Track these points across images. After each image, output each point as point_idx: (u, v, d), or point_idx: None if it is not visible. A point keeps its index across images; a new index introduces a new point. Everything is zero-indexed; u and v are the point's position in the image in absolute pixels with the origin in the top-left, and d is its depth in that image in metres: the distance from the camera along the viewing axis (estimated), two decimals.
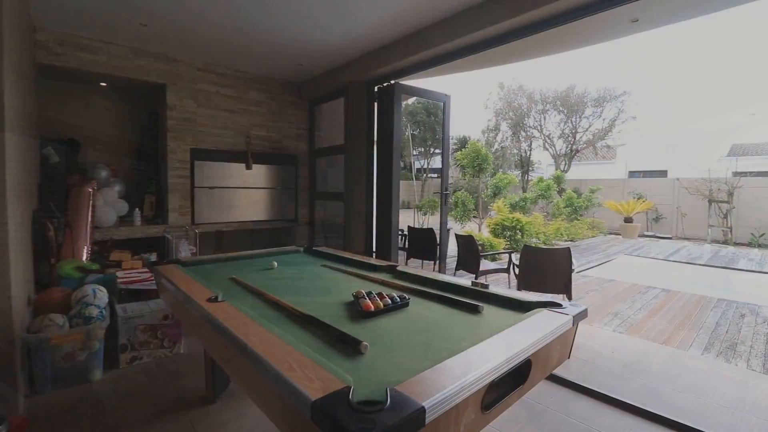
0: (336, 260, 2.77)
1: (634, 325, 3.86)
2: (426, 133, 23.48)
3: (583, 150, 19.32)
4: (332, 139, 5.27)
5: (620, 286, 5.54)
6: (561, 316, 1.50)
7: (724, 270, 7.32)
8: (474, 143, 8.43)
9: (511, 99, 19.50)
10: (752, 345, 3.39)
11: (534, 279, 3.52)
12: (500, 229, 9.07)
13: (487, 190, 8.87)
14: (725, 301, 4.81)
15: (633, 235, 12.07)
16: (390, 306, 1.63)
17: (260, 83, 4.99)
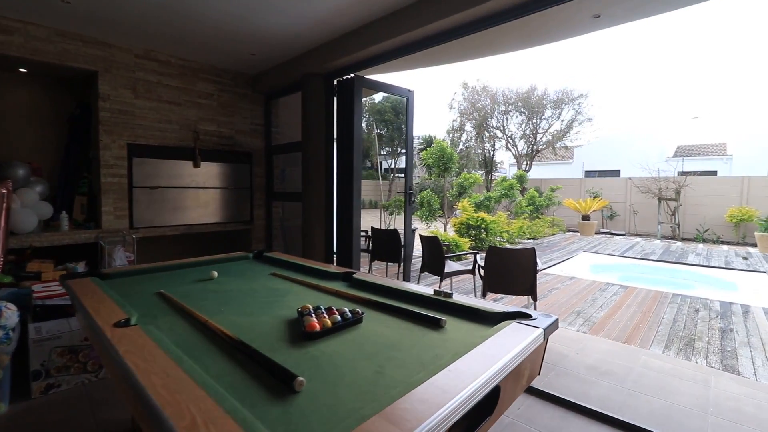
0: (288, 267, 2.50)
1: (596, 324, 3.85)
2: (393, 132, 23.40)
3: (543, 150, 19.92)
4: (291, 135, 4.96)
5: (581, 283, 5.61)
6: (531, 330, 1.33)
7: (675, 265, 7.66)
8: (439, 142, 8.35)
9: (475, 99, 19.76)
10: (709, 341, 3.45)
11: (499, 280, 3.41)
12: (465, 229, 9.07)
13: (452, 189, 8.82)
14: (680, 296, 4.96)
15: (590, 232, 12.51)
16: (340, 324, 1.41)
17: (209, 74, 4.60)
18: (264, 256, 2.80)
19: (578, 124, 18.37)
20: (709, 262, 7.83)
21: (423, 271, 4.33)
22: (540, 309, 4.37)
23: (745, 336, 3.57)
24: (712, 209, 12.15)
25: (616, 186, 14.20)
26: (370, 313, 1.60)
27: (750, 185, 11.81)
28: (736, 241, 11.46)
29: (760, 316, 4.13)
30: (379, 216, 11.80)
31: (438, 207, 8.34)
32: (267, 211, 5.10)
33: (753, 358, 3.10)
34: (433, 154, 8.17)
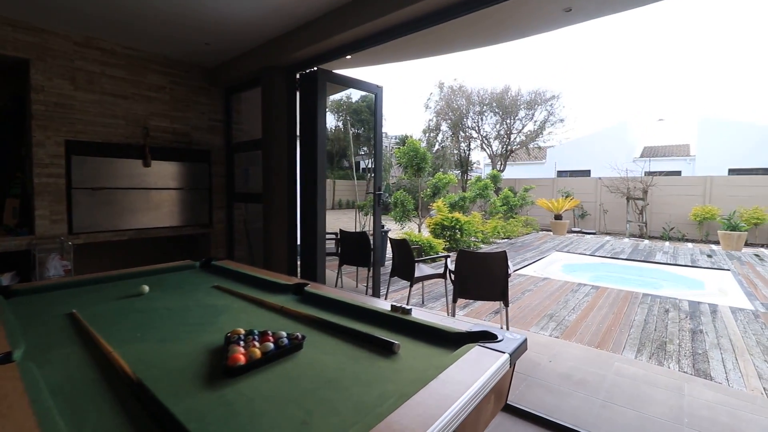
0: (235, 278, 2.25)
1: (569, 328, 3.76)
2: (370, 131, 23.16)
3: (517, 151, 20.18)
4: (253, 132, 4.66)
5: (554, 284, 5.56)
6: (496, 357, 1.14)
7: (644, 264, 7.79)
8: (412, 141, 8.19)
9: (450, 99, 19.80)
10: (680, 343, 3.40)
11: (470, 285, 3.25)
12: (440, 229, 8.95)
13: (427, 189, 8.69)
14: (649, 296, 4.96)
15: (563, 231, 12.69)
16: (272, 353, 1.18)
17: (161, 65, 4.24)
18: (212, 265, 2.53)
19: (550, 125, 18.71)
20: (676, 260, 8.01)
21: (393, 275, 4.14)
22: (513, 312, 4.26)
23: (714, 337, 3.55)
24: (677, 208, 12.55)
25: (586, 186, 14.48)
26: (314, 336, 1.38)
27: (712, 185, 12.25)
28: (700, 239, 11.86)
29: (728, 316, 4.16)
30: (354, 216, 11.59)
31: (412, 207, 8.18)
32: (228, 213, 4.78)
33: (724, 360, 3.06)
34: (406, 153, 8.01)
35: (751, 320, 4.05)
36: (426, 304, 4.46)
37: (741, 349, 3.28)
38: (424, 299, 4.58)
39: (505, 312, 3.24)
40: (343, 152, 23.66)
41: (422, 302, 4.51)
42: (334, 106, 22.19)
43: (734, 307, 4.52)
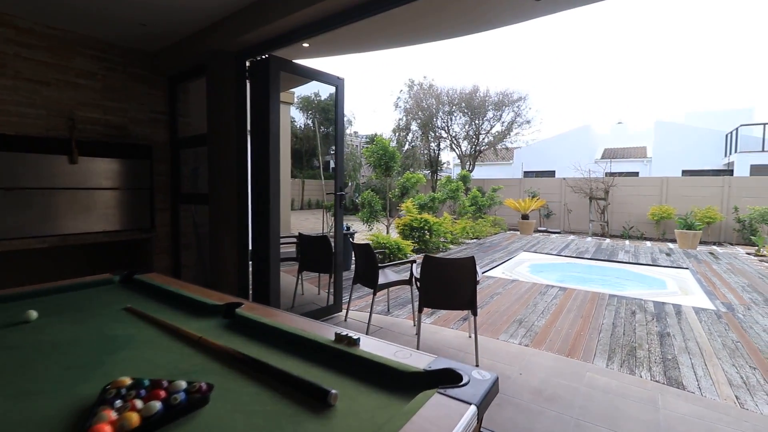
0: (157, 297, 1.88)
1: (538, 334, 3.60)
2: None
3: (485, 151, 20.38)
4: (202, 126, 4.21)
5: (522, 286, 5.45)
6: (460, 411, 0.88)
7: (608, 263, 7.90)
8: (380, 139, 7.93)
9: (420, 99, 19.71)
10: (649, 348, 3.31)
11: (437, 293, 3.01)
12: (408, 230, 8.75)
13: (395, 189, 8.45)
14: (616, 297, 4.93)
15: (530, 231, 12.83)
16: (158, 416, 0.86)
17: (92, 48, 3.74)
18: (134, 280, 2.14)
19: (517, 126, 19.02)
20: (638, 259, 8.18)
21: (356, 282, 3.84)
22: (482, 318, 4.08)
23: (682, 341, 3.50)
24: (636, 208, 12.99)
25: (552, 186, 14.76)
26: (229, 382, 1.06)
27: (668, 185, 12.76)
28: (657, 237, 12.32)
29: (693, 317, 4.15)
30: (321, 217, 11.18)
31: (380, 208, 7.92)
32: (173, 216, 4.32)
33: (694, 366, 2.97)
34: (374, 152, 7.73)
35: (715, 321, 4.06)
36: (392, 312, 4.20)
37: (709, 353, 3.22)
38: (389, 306, 4.32)
39: (473, 321, 3.02)
40: (312, 151, 23.11)
41: (388, 309, 4.25)
42: (303, 104, 21.61)
43: (697, 307, 4.56)
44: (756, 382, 2.73)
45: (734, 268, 7.08)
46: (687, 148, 18.40)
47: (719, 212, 11.38)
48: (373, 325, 3.69)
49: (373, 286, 3.52)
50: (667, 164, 18.50)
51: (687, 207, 11.92)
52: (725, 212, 11.58)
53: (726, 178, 12.10)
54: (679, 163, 18.28)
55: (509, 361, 2.98)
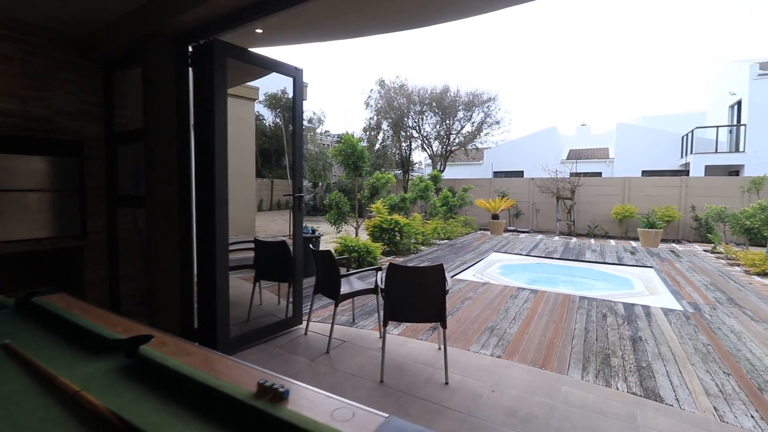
0: (50, 328, 1.51)
1: (511, 343, 3.42)
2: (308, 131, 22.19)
3: (456, 151, 20.45)
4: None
5: (494, 289, 5.30)
6: None
7: (576, 262, 7.93)
8: (348, 137, 7.62)
9: (391, 98, 19.51)
10: (623, 355, 3.19)
11: (402, 306, 2.75)
12: (378, 232, 8.49)
13: (364, 190, 8.16)
14: (586, 299, 4.86)
15: (500, 231, 12.88)
16: None
17: (5, 28, 3.23)
18: (32, 304, 1.74)
19: (487, 126, 19.18)
20: (604, 258, 8.29)
21: (317, 292, 3.53)
22: (452, 327, 3.85)
23: (654, 345, 3.41)
24: (601, 207, 13.31)
25: (520, 186, 14.93)
26: None
27: (630, 185, 13.15)
28: (620, 236, 12.66)
29: (662, 319, 4.11)
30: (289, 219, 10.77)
31: (348, 209, 7.61)
32: (110, 221, 3.84)
33: (669, 374, 2.86)
34: (341, 150, 7.41)
35: (684, 323, 4.03)
36: (357, 322, 3.91)
37: (682, 359, 3.14)
38: (354, 316, 4.02)
39: (443, 333, 2.78)
40: (282, 150, 22.41)
41: (353, 320, 3.95)
42: (270, 101, 20.90)
43: (665, 308, 4.54)
44: (732, 390, 2.63)
45: (695, 266, 7.26)
46: (646, 150, 19.16)
47: (678, 211, 11.82)
48: (335, 339, 3.39)
49: (335, 297, 3.22)
50: (628, 165, 19.20)
51: (648, 206, 12.32)
52: (683, 211, 12.04)
53: (683, 178, 12.60)
54: (639, 164, 19.01)
55: (481, 376, 2.76)
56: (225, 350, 3.05)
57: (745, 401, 2.50)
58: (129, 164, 3.88)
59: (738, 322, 4.06)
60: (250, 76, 4.84)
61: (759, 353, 3.26)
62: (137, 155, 3.82)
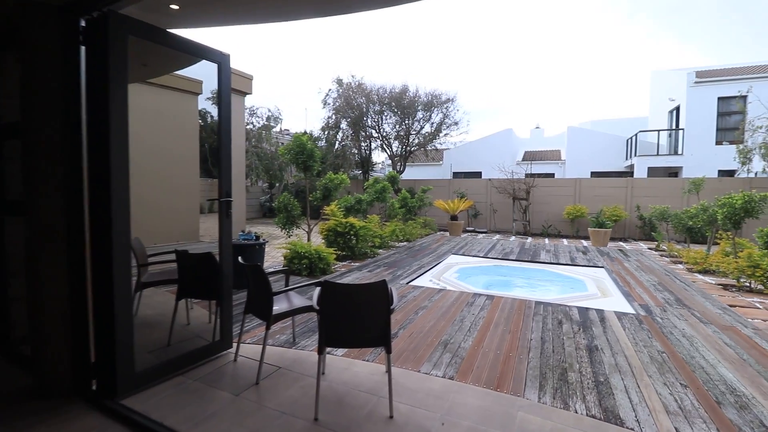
0: None
1: (465, 360, 3.14)
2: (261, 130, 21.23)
3: (415, 152, 20.37)
4: None
5: (450, 296, 5.06)
6: None
7: (532, 264, 7.93)
8: (298, 136, 7.12)
9: (349, 97, 19.07)
10: (580, 369, 3.01)
11: (340, 330, 2.37)
12: (333, 236, 8.06)
13: (317, 192, 7.70)
14: (542, 304, 4.73)
15: (458, 232, 12.85)
16: None
17: None
18: None
19: (446, 127, 19.24)
20: (558, 258, 8.36)
21: (248, 312, 3.07)
22: (403, 343, 3.52)
23: (611, 355, 3.26)
24: (554, 207, 13.67)
25: (478, 187, 15.04)
26: None
27: (581, 186, 13.58)
28: (572, 235, 13.04)
29: (616, 324, 4.02)
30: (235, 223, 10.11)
31: (299, 213, 7.12)
32: None
33: (627, 389, 2.69)
34: (290, 149, 6.90)
35: (637, 328, 3.96)
36: (298, 341, 3.49)
37: (639, 370, 3.00)
38: (295, 335, 3.59)
39: (387, 359, 2.43)
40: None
41: (293, 339, 3.53)
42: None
43: (619, 312, 4.49)
44: (691, 406, 2.49)
45: (643, 265, 7.46)
46: (595, 152, 20.05)
47: (624, 211, 12.33)
48: (269, 365, 2.95)
49: (266, 319, 2.79)
50: (579, 166, 20.00)
51: (597, 206, 12.77)
52: (629, 210, 12.59)
53: (628, 179, 13.18)
54: (588, 165, 19.85)
55: (430, 405, 2.45)
56: (127, 389, 2.53)
57: (705, 418, 2.36)
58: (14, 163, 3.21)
59: (688, 325, 4.05)
60: (174, 63, 4.26)
61: (712, 360, 3.20)
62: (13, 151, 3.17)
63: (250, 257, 5.42)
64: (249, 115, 18.04)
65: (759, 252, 5.42)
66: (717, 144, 15.30)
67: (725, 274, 6.37)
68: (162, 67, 4.63)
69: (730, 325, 4.06)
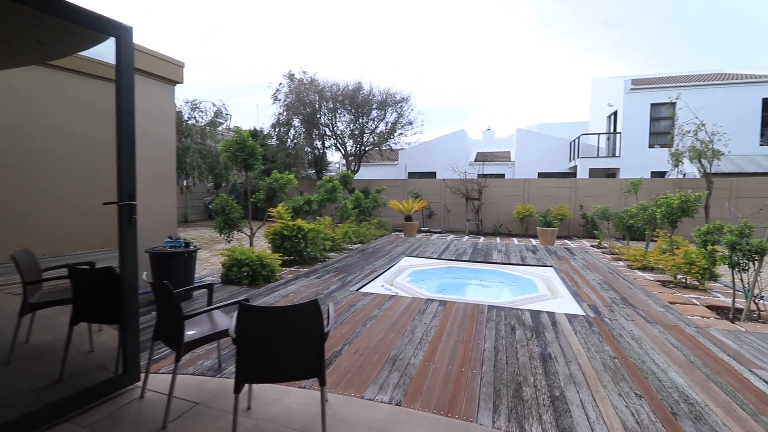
0: None
1: (414, 379, 2.85)
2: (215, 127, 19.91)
3: (370, 151, 20.08)
4: None
5: (402, 303, 4.77)
6: None
7: (484, 265, 7.88)
8: (239, 131, 6.51)
9: (301, 93, 18.36)
10: (535, 383, 2.82)
11: (264, 360, 1.97)
12: (280, 240, 7.51)
13: (260, 192, 7.12)
14: (494, 308, 4.58)
15: (413, 233, 12.70)
16: None
17: None
18: None
19: (401, 127, 19.12)
20: (509, 258, 8.40)
21: (157, 338, 2.56)
22: (347, 361, 3.13)
23: (564, 364, 3.12)
24: (505, 207, 13.95)
25: (433, 187, 15.03)
26: None
27: (529, 186, 13.97)
28: (522, 233, 13.36)
29: (568, 329, 3.93)
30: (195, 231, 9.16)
31: (239, 215, 6.52)
32: None
33: (584, 404, 2.52)
34: (229, 146, 6.29)
35: (588, 331, 3.88)
36: (224, 367, 3.01)
37: (593, 380, 2.86)
38: (221, 360, 3.11)
39: (321, 392, 2.05)
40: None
41: (219, 365, 3.04)
42: None
43: (569, 314, 4.43)
44: (648, 420, 2.36)
45: (588, 264, 7.66)
46: (541, 154, 20.88)
47: (569, 210, 12.82)
48: (183, 401, 2.47)
49: (176, 348, 2.31)
50: (527, 167, 20.74)
51: (545, 205, 13.19)
52: (573, 210, 13.11)
53: (573, 180, 13.74)
54: (536, 167, 20.64)
55: None
56: None
57: None
58: None
59: (635, 326, 4.06)
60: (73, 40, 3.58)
61: (662, 364, 3.14)
62: None
63: (179, 268, 4.80)
64: (191, 109, 16.78)
65: (695, 250, 5.66)
66: (650, 147, 16.43)
67: (663, 271, 6.64)
68: (61, 46, 3.92)
69: (674, 324, 4.12)
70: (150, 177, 5.30)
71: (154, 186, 5.35)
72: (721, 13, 60.53)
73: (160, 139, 5.48)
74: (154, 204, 5.43)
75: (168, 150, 5.66)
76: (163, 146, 5.54)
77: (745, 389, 2.74)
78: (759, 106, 15.33)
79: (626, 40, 66.52)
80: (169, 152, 5.68)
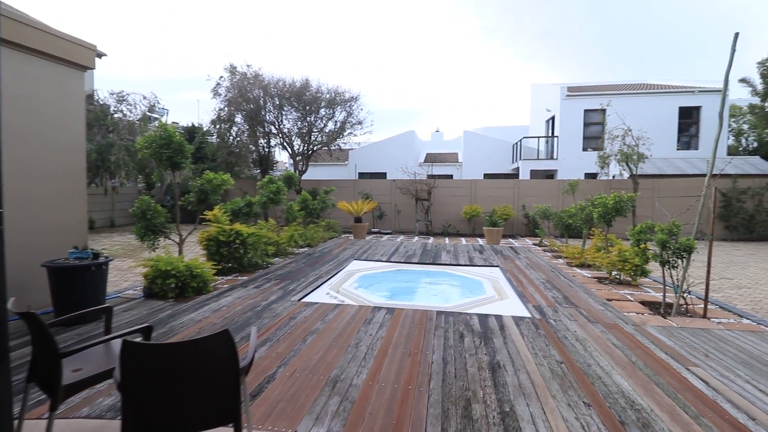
0: None
1: (356, 405, 2.56)
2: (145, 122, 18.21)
3: (319, 151, 19.49)
4: None
5: (347, 313, 4.47)
6: None
7: (433, 266, 7.80)
8: (163, 125, 5.82)
9: (244, 88, 17.33)
10: (485, 397, 2.65)
11: (160, 410, 1.57)
12: (215, 246, 6.88)
13: (189, 194, 6.45)
14: (443, 314, 4.43)
15: (363, 234, 12.43)
16: None
17: None
18: None
19: (350, 126, 18.72)
20: (458, 258, 8.41)
21: (32, 380, 2.04)
22: (281, 386, 2.72)
23: (513, 373, 3.00)
24: (453, 207, 14.13)
25: (383, 187, 14.88)
26: None
27: (476, 187, 14.28)
28: (469, 233, 13.61)
29: (515, 333, 3.86)
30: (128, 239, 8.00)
31: (164, 220, 5.82)
32: None
33: (534, 419, 2.39)
34: (152, 142, 5.57)
35: (535, 334, 3.84)
36: None
37: (542, 389, 2.75)
38: None
39: None
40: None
41: None
42: None
43: (516, 316, 4.39)
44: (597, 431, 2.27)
45: (531, 263, 7.85)
46: (487, 155, 21.59)
47: (513, 210, 13.26)
48: None
49: (52, 393, 1.82)
50: (474, 168, 21.32)
51: (490, 206, 13.53)
52: (516, 209, 13.59)
53: (516, 180, 14.25)
54: (482, 168, 21.28)
55: None
56: None
57: None
58: None
59: (578, 326, 4.09)
60: None
61: (606, 366, 3.13)
62: None
63: (86, 283, 4.12)
64: (117, 101, 15.21)
65: (628, 247, 5.93)
66: (584, 150, 17.53)
67: (599, 268, 6.95)
68: None
69: (614, 323, 4.21)
70: (48, 174, 4.53)
71: (54, 185, 4.59)
72: (644, 28, 67.11)
73: (63, 131, 4.71)
74: (58, 207, 4.66)
75: (74, 142, 4.89)
76: (66, 138, 4.76)
77: (685, 389, 2.77)
78: (676, 114, 16.95)
79: (563, 51, 71.48)
80: (75, 145, 4.91)
